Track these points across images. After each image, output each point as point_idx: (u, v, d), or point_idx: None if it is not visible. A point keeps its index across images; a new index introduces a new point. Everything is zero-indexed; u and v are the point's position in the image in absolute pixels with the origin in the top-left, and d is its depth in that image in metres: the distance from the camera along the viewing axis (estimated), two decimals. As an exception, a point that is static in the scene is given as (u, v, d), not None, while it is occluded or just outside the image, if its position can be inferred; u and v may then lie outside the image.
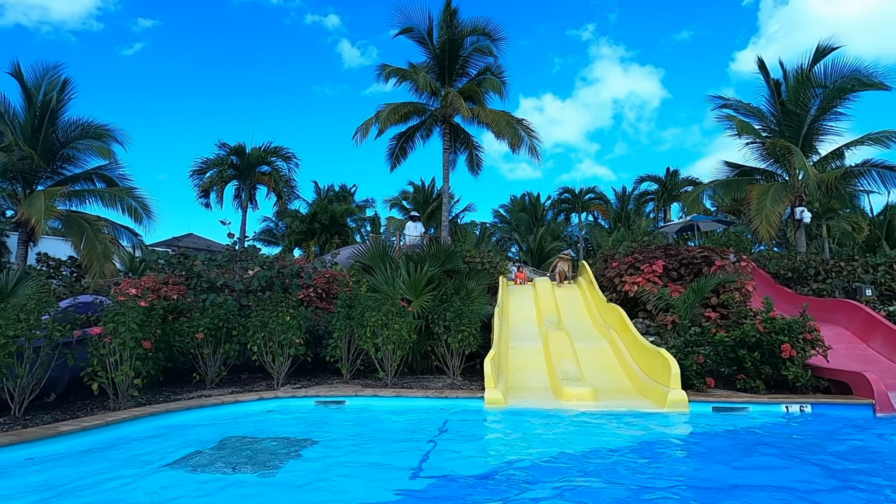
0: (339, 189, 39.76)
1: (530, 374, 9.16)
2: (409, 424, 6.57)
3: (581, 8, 69.71)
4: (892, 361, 9.34)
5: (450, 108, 15.95)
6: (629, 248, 12.89)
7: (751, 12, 67.75)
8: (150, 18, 64.63)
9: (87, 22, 64.04)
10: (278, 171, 15.30)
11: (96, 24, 63.74)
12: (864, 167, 13.89)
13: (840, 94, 13.63)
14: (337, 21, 68.12)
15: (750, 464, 4.75)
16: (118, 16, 65.15)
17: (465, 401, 7.26)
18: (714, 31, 69.55)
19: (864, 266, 13.18)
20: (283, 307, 8.31)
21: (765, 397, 6.93)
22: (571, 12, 70.11)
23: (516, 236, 37.55)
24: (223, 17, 66.28)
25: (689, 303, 8.45)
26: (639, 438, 5.73)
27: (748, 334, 7.10)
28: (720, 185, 16.59)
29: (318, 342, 9.39)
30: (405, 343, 8.32)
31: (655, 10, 70.05)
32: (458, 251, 11.23)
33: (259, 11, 67.79)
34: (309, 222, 23.95)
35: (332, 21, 69.32)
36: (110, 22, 64.80)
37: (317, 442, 5.55)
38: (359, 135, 15.95)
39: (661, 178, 30.13)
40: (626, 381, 8.59)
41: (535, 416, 6.70)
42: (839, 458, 5.03)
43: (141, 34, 65.06)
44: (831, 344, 7.90)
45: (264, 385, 8.44)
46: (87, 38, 64.07)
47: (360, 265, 11.33)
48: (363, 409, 7.23)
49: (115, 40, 65.20)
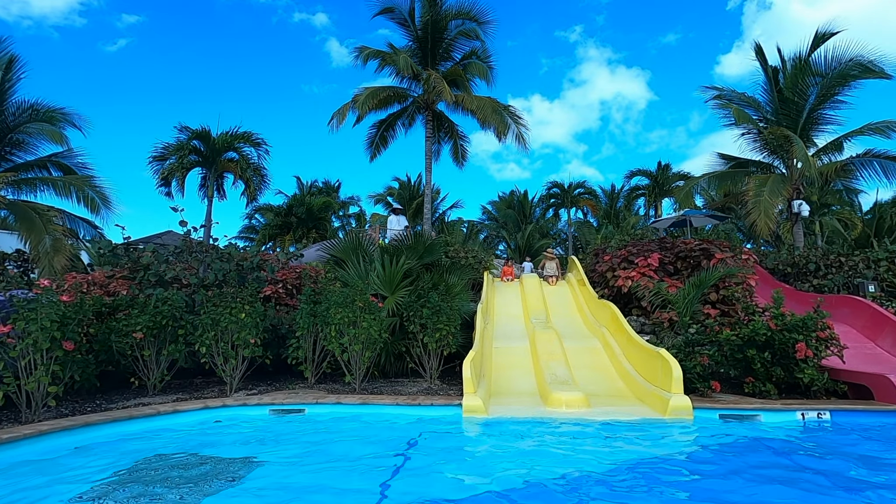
0: (323, 184, 38.68)
1: (516, 376, 8.32)
2: (375, 438, 5.67)
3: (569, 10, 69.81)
4: (903, 361, 8.68)
5: (432, 93, 15.01)
6: (622, 241, 12.13)
7: (734, 17, 68.89)
8: (135, 14, 62.76)
9: (69, 17, 62.01)
10: (246, 158, 14.19)
11: (79, 19, 61.77)
12: (866, 157, 13.29)
13: (841, 81, 13.00)
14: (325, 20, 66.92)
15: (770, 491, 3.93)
16: (101, 11, 63.22)
17: (441, 409, 6.39)
18: (699, 34, 70.55)
19: (864, 261, 12.56)
20: (238, 303, 7.36)
21: (777, 403, 6.16)
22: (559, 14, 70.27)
23: (504, 234, 36.75)
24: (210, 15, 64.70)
25: (690, 298, 7.67)
26: (640, 455, 4.90)
27: (758, 332, 6.32)
28: (715, 178, 15.92)
29: (281, 342, 8.45)
30: (375, 343, 7.43)
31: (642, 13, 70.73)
32: (438, 243, 10.35)
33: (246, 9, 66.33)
34: (284, 216, 22.80)
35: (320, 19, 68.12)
36: (93, 18, 62.84)
37: (262, 463, 4.64)
38: (335, 121, 14.94)
39: (652, 173, 29.48)
40: (620, 385, 7.78)
41: (520, 427, 5.84)
42: (871, 479, 4.24)
43: (125, 30, 63.20)
44: (840, 343, 7.16)
45: (216, 391, 7.49)
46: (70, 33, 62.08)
47: (331, 259, 10.39)
48: (324, 419, 6.32)
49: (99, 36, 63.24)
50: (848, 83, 13.00)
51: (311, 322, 7.74)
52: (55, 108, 13.96)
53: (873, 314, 9.61)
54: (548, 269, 14.42)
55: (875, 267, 12.43)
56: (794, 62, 13.79)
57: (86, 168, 14.88)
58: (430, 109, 16.22)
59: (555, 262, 14.52)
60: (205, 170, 14.34)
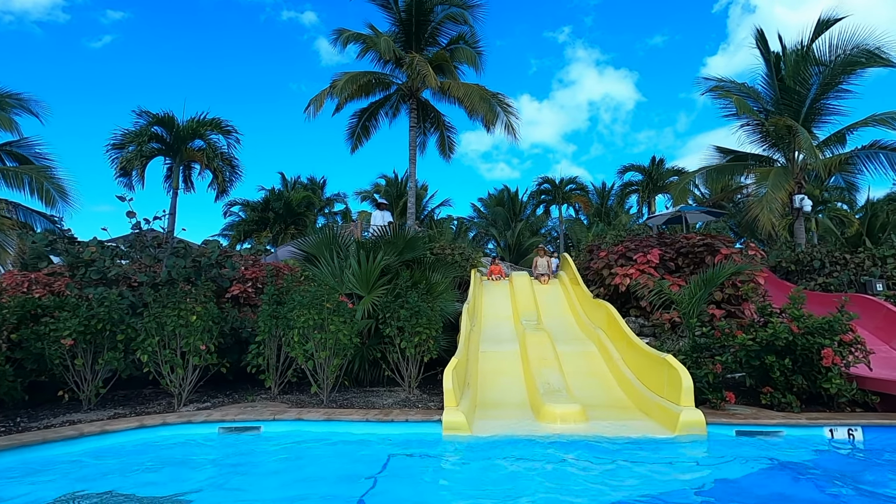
0: (308, 181, 37.57)
1: (504, 385, 7.51)
2: (338, 464, 4.82)
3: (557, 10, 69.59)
4: (922, 366, 8.00)
5: (417, 79, 14.10)
6: (618, 237, 11.37)
7: (720, 20, 69.53)
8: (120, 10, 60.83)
9: (52, 13, 59.96)
10: (213, 146, 13.14)
11: (62, 14, 59.77)
12: (872, 149, 12.67)
13: (845, 69, 12.36)
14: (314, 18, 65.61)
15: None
16: (85, 7, 61.20)
17: (418, 426, 5.54)
18: (686, 36, 71.09)
19: (871, 258, 11.94)
20: (189, 304, 6.45)
21: (802, 417, 5.40)
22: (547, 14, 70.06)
23: (494, 231, 35.92)
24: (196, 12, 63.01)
25: (697, 297, 6.91)
26: (649, 483, 4.11)
27: (779, 336, 5.56)
28: (712, 172, 15.25)
29: (244, 348, 7.54)
30: (346, 349, 6.56)
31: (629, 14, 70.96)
32: (420, 237, 9.49)
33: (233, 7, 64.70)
34: (261, 211, 21.66)
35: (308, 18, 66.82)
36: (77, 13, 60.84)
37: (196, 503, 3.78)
38: (311, 108, 13.95)
39: (645, 168, 28.78)
40: (620, 394, 7.00)
41: (508, 448, 5.01)
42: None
43: (110, 26, 61.30)
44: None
45: (164, 405, 6.57)
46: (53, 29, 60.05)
47: (303, 256, 9.50)
48: (282, 439, 5.44)
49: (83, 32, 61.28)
50: (853, 71, 12.37)
51: (272, 325, 6.85)
52: (7, 92, 12.86)
53: (887, 314, 8.92)
54: (540, 267, 13.53)
55: (882, 264, 11.82)
56: (796, 50, 13.13)
57: (45, 158, 13.77)
58: (415, 97, 15.30)
59: (546, 260, 13.64)
60: (170, 160, 13.30)
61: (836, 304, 6.38)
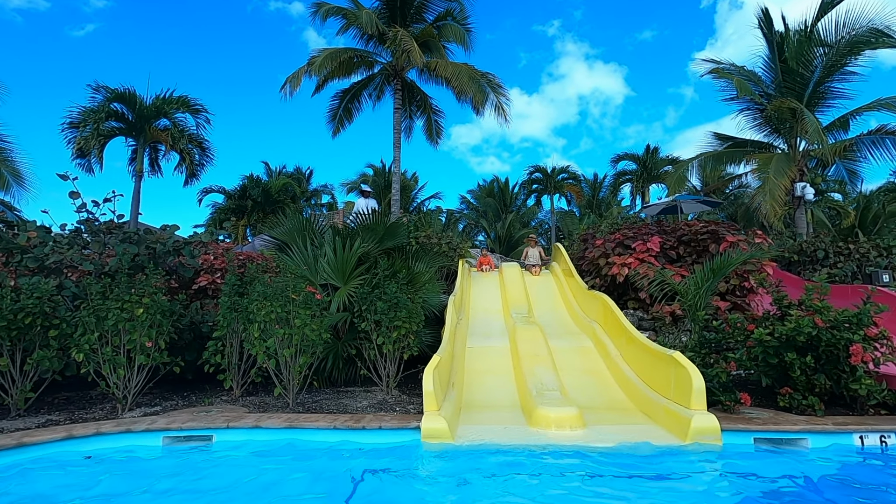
0: (294, 171, 36.55)
1: (493, 383, 6.83)
2: (300, 482, 4.10)
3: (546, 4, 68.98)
4: (938, 361, 7.46)
5: (401, 57, 13.26)
6: (615, 225, 10.73)
7: (708, 15, 69.69)
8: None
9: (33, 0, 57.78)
10: (178, 126, 12.17)
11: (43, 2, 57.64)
12: (878, 135, 12.14)
13: (851, 49, 11.77)
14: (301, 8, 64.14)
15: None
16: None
17: (393, 434, 4.84)
18: (674, 31, 71.31)
19: (876, 248, 11.45)
20: (135, 295, 5.66)
21: (827, 422, 4.79)
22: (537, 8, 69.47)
23: (484, 223, 35.24)
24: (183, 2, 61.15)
25: (704, 288, 6.26)
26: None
27: (802, 330, 4.93)
28: (710, 158, 14.66)
29: (205, 344, 6.77)
30: (314, 346, 5.82)
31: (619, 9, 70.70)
32: (402, 224, 8.75)
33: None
34: (238, 198, 20.67)
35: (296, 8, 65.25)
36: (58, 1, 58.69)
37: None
38: (288, 87, 13.04)
39: (639, 157, 28.20)
40: (620, 395, 6.35)
41: (496, 459, 4.33)
42: None
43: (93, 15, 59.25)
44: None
45: (107, 409, 5.81)
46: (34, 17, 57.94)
47: (274, 243, 8.72)
48: (235, 452, 4.70)
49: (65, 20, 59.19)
50: (860, 52, 11.78)
51: (233, 319, 6.10)
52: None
53: (900, 306, 8.40)
54: (530, 258, 12.99)
55: (887, 255, 11.34)
56: (800, 30, 12.52)
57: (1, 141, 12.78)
58: (400, 77, 14.46)
59: (538, 250, 13.10)
60: (133, 140, 12.33)
61: (847, 296, 5.81)
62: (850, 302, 6.10)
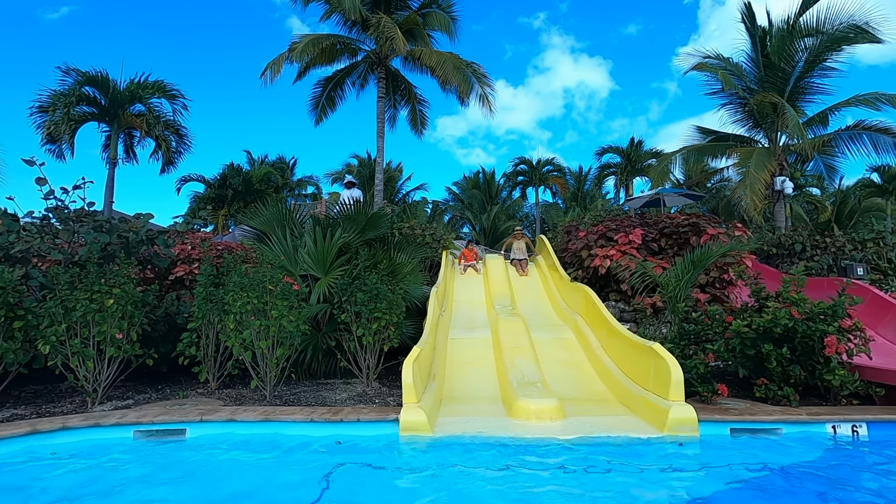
0: (277, 160, 35.97)
1: (475, 375, 6.81)
2: (274, 476, 4.02)
3: (532, -5, 68.78)
4: (908, 352, 7.66)
5: (385, 45, 13.01)
6: (598, 217, 10.76)
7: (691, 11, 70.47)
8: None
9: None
10: (153, 111, 11.78)
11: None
12: (856, 130, 12.34)
13: (832, 45, 11.91)
14: (285, -6, 62.67)
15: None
16: None
17: (372, 426, 4.77)
18: (659, 26, 71.99)
19: (851, 242, 11.68)
20: (105, 286, 5.48)
21: (801, 412, 4.86)
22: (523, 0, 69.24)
23: (469, 215, 35.18)
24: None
25: (685, 280, 6.30)
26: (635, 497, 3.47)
27: (779, 322, 4.98)
28: (692, 152, 14.77)
29: (179, 337, 6.61)
30: (291, 338, 5.72)
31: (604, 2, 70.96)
32: (384, 214, 8.64)
33: (202, -17, 61.24)
34: (219, 187, 20.23)
35: (280, -5, 63.85)
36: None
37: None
38: (269, 73, 12.73)
39: (623, 150, 28.34)
40: (600, 387, 6.38)
41: (475, 453, 4.30)
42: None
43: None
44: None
45: (77, 403, 5.64)
46: None
47: (253, 232, 8.54)
48: (210, 445, 4.60)
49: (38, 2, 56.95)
50: (840, 48, 11.93)
51: (208, 310, 5.95)
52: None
53: (874, 299, 8.56)
54: (515, 251, 11.78)
55: (862, 248, 11.57)
56: (783, 25, 12.62)
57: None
58: (384, 66, 14.22)
59: (524, 241, 12.51)
60: (107, 126, 11.92)
61: (823, 289, 5.90)
62: (826, 294, 6.20)
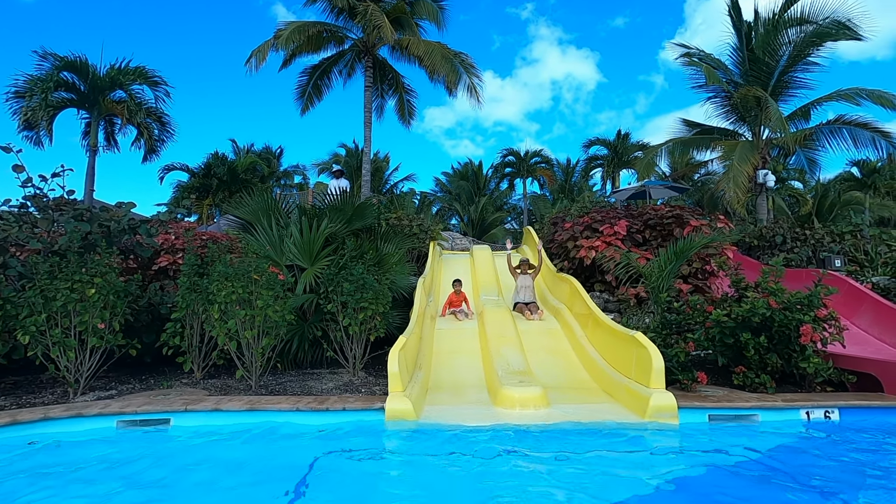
0: (263, 149, 35.48)
1: (461, 365, 6.88)
2: (260, 465, 4.03)
3: (520, -15, 68.37)
4: (881, 341, 7.90)
5: (372, 33, 12.87)
6: (584, 208, 10.85)
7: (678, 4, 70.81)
8: None
9: None
10: (135, 98, 11.51)
11: None
12: (836, 125, 12.58)
13: (815, 40, 12.07)
14: (269, -19, 61.47)
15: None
16: None
17: (357, 414, 4.81)
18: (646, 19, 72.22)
19: (830, 234, 11.96)
20: (86, 275, 5.40)
21: (777, 399, 5.00)
22: (511, -11, 68.75)
23: (457, 206, 35.15)
24: None
25: (668, 270, 6.41)
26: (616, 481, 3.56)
27: (757, 311, 5.10)
28: (678, 144, 14.92)
29: (163, 327, 6.55)
30: (277, 328, 5.71)
31: (592, -6, 70.81)
32: (371, 204, 8.61)
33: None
34: (203, 176, 19.91)
35: (263, -19, 62.53)
36: None
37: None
38: (254, 60, 12.51)
39: (611, 142, 28.50)
40: (584, 375, 6.48)
41: (460, 440, 4.37)
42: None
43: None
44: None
45: (59, 393, 5.57)
46: None
47: (238, 222, 8.46)
48: (195, 435, 4.60)
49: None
50: (822, 43, 12.10)
51: (192, 300, 5.91)
52: None
53: (850, 290, 8.80)
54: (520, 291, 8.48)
55: (840, 241, 11.86)
56: (768, 20, 12.75)
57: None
58: (371, 54, 14.07)
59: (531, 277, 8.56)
60: (87, 113, 11.62)
61: (801, 280, 6.05)
62: (805, 285, 6.36)
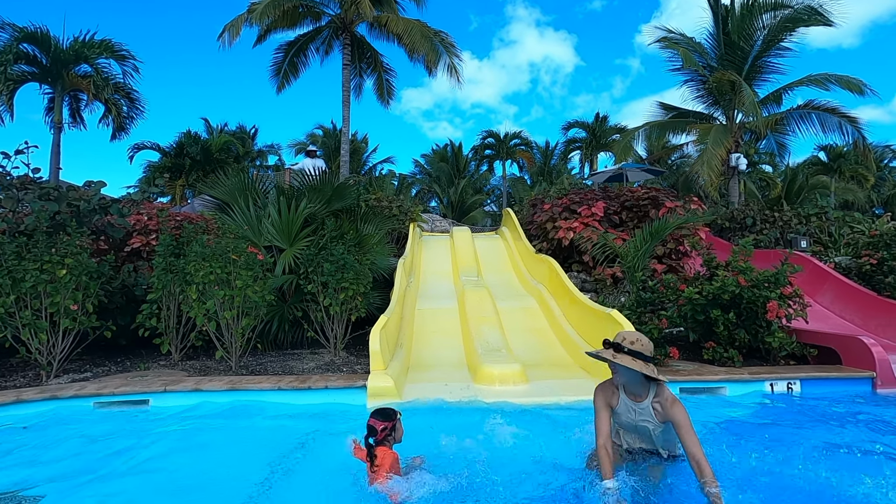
0: (237, 129, 34.56)
1: (441, 343, 6.96)
2: (240, 444, 4.04)
3: (498, -36, 67.36)
4: (842, 318, 8.31)
5: (350, 9, 12.58)
6: (562, 190, 10.96)
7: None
8: None
9: None
10: (101, 73, 11.01)
11: None
12: (806, 109, 12.93)
13: (789, 25, 12.31)
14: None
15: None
16: None
17: (339, 393, 4.86)
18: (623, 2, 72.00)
19: (797, 216, 12.39)
20: (56, 256, 5.26)
21: (744, 372, 5.25)
22: (489, -33, 67.70)
23: (437, 188, 35.07)
24: None
25: (643, 250, 6.57)
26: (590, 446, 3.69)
27: (727, 289, 5.30)
28: (655, 127, 15.13)
29: (138, 309, 6.43)
30: (257, 308, 5.67)
31: (569, -26, 70.23)
32: (350, 185, 8.54)
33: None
34: (175, 156, 19.32)
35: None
36: None
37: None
38: (226, 35, 12.10)
39: (589, 125, 28.73)
40: (561, 352, 6.65)
41: (442, 416, 4.46)
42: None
43: None
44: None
45: (31, 376, 5.46)
46: None
47: (214, 203, 8.30)
48: (176, 415, 4.58)
49: None
50: (795, 28, 12.36)
51: (168, 281, 5.81)
52: None
53: (813, 269, 9.18)
54: None
55: (806, 223, 12.30)
56: (744, 4, 12.92)
57: None
58: (349, 32, 13.76)
59: None
60: (50, 88, 11.09)
61: (770, 260, 6.30)
62: (772, 264, 6.63)
